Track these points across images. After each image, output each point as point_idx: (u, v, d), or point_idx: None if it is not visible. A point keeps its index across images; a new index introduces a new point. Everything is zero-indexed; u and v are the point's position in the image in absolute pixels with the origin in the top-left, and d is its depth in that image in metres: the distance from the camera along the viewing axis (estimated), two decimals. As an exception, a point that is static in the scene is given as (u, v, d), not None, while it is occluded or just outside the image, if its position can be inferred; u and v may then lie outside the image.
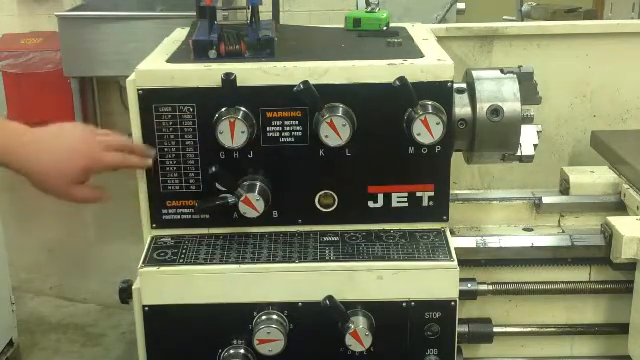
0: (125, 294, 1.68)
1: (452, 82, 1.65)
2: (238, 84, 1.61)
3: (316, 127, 1.63)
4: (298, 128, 1.67)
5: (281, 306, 1.65)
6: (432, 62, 1.67)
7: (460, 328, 1.76)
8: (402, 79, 1.60)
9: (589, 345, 1.95)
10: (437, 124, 1.61)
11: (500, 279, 1.87)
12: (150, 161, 1.66)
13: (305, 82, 1.59)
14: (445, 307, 1.66)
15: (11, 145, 1.54)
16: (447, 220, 1.75)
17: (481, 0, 5.01)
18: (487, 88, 1.71)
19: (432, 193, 1.72)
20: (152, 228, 1.74)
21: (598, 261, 1.85)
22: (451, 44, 2.17)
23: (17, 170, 1.55)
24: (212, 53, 1.68)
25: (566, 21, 2.93)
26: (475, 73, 1.75)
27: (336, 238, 1.72)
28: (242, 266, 1.64)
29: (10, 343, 3.37)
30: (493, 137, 1.72)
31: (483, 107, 1.70)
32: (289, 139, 1.67)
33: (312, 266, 1.65)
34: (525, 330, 1.93)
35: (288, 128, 1.67)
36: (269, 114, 1.65)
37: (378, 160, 1.69)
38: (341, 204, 1.72)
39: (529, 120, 1.78)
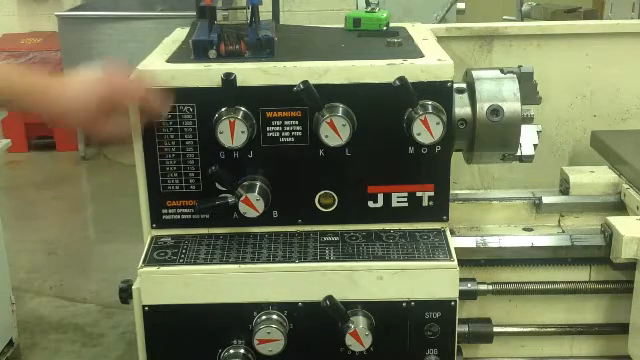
0: (125, 294, 1.68)
1: (452, 82, 1.65)
2: (238, 84, 1.61)
3: (316, 127, 1.63)
4: (298, 128, 1.67)
5: (281, 306, 1.65)
6: (432, 62, 1.67)
7: (460, 328, 1.76)
8: (402, 79, 1.60)
9: (589, 345, 1.95)
10: (437, 124, 1.61)
11: (500, 279, 1.87)
12: (164, 109, 1.63)
13: (305, 82, 1.59)
14: (445, 307, 1.66)
15: (44, 92, 1.54)
16: (447, 220, 1.75)
17: (481, 0, 5.02)
18: (487, 88, 1.71)
19: (432, 193, 1.72)
20: (152, 228, 1.74)
21: (598, 261, 1.85)
22: (451, 44, 2.17)
23: (48, 116, 1.58)
24: (212, 53, 1.68)
25: (566, 21, 2.93)
26: (475, 73, 1.75)
27: (336, 238, 1.72)
28: (242, 266, 1.64)
29: (10, 343, 3.37)
30: (493, 137, 1.72)
31: (483, 107, 1.70)
32: (289, 139, 1.67)
33: (312, 266, 1.65)
34: (525, 330, 1.93)
35: (288, 128, 1.67)
36: (269, 114, 1.65)
37: (378, 160, 1.69)
38: (341, 204, 1.72)
39: (529, 120, 1.78)
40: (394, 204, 1.73)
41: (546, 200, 1.95)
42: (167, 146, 1.67)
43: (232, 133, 1.61)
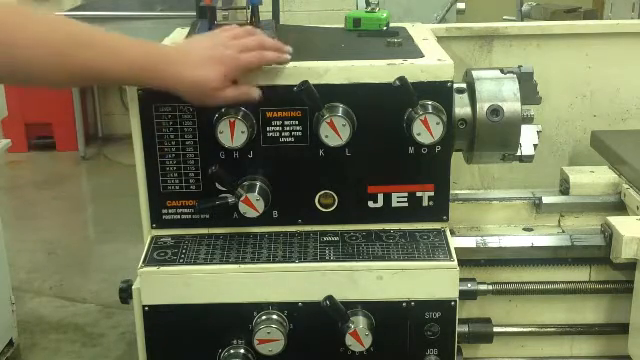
0: (125, 294, 1.68)
1: (452, 82, 1.65)
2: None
3: (316, 127, 1.63)
4: (298, 128, 1.67)
5: (281, 306, 1.65)
6: (432, 62, 1.67)
7: (460, 328, 1.76)
8: (402, 79, 1.60)
9: (589, 345, 1.95)
10: (437, 124, 1.61)
11: (500, 279, 1.87)
12: (288, 56, 1.63)
13: (305, 82, 1.59)
14: (445, 307, 1.66)
15: (159, 68, 1.55)
16: (447, 220, 1.75)
17: (481, 0, 5.02)
18: (487, 88, 1.71)
19: (432, 193, 1.72)
20: (152, 228, 1.74)
21: (598, 261, 1.85)
22: (451, 44, 2.17)
23: (164, 89, 1.58)
24: (212, 53, 1.67)
25: (566, 21, 2.94)
26: (475, 73, 1.75)
27: (336, 238, 1.72)
28: (242, 266, 1.64)
29: (10, 343, 3.37)
30: (493, 137, 1.72)
31: (483, 107, 1.70)
32: (289, 139, 1.67)
33: (312, 266, 1.65)
34: (525, 330, 1.93)
35: (288, 128, 1.67)
36: (269, 114, 1.65)
37: (378, 160, 1.70)
38: (341, 204, 1.72)
39: (529, 120, 1.78)
40: (394, 204, 1.73)
41: (546, 200, 1.95)
42: (167, 146, 1.68)
43: (232, 133, 1.61)
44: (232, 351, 1.66)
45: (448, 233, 1.74)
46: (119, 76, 1.56)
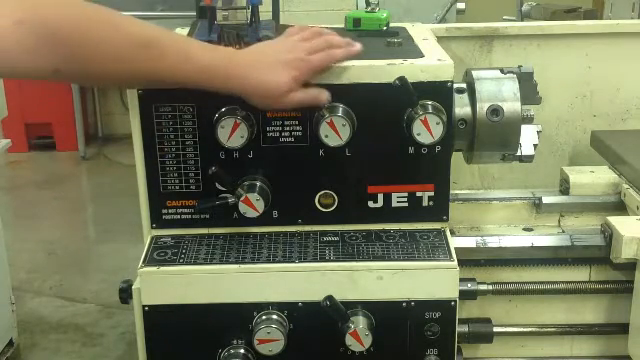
0: (125, 294, 1.68)
1: (452, 82, 1.65)
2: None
3: (316, 127, 1.63)
4: (298, 128, 1.67)
5: (281, 306, 1.65)
6: (432, 62, 1.67)
7: (460, 328, 1.76)
8: (402, 79, 1.60)
9: (589, 345, 1.95)
10: (437, 124, 1.61)
11: (500, 279, 1.87)
12: (357, 47, 1.64)
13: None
14: (445, 307, 1.66)
15: (231, 73, 1.54)
16: (447, 220, 1.75)
17: (481, 0, 5.03)
18: (487, 88, 1.71)
19: (432, 193, 1.72)
20: (152, 228, 1.74)
21: (598, 261, 1.85)
22: (451, 44, 2.17)
23: (233, 92, 1.56)
24: (212, 53, 1.67)
25: (566, 21, 2.93)
26: (475, 73, 1.75)
27: (336, 238, 1.72)
28: (242, 266, 1.64)
29: (10, 343, 3.38)
30: (493, 137, 1.72)
31: (483, 107, 1.70)
32: (289, 139, 1.67)
33: (312, 266, 1.65)
34: (525, 330, 1.93)
35: (288, 128, 1.67)
36: (269, 114, 1.65)
37: (378, 160, 1.70)
38: (341, 204, 1.72)
39: (529, 120, 1.78)
40: (394, 204, 1.73)
41: (546, 200, 1.95)
42: (167, 146, 1.68)
43: (232, 133, 1.61)
44: (232, 351, 1.66)
45: (448, 233, 1.74)
46: (189, 81, 1.53)
